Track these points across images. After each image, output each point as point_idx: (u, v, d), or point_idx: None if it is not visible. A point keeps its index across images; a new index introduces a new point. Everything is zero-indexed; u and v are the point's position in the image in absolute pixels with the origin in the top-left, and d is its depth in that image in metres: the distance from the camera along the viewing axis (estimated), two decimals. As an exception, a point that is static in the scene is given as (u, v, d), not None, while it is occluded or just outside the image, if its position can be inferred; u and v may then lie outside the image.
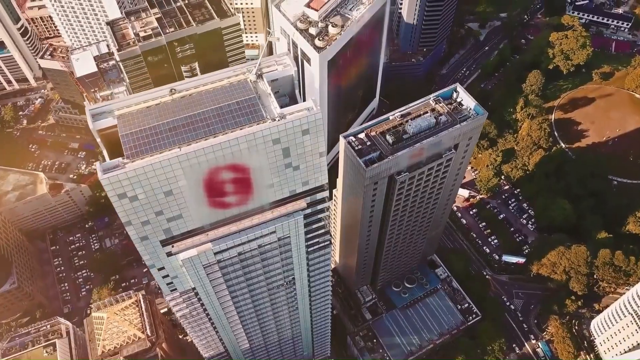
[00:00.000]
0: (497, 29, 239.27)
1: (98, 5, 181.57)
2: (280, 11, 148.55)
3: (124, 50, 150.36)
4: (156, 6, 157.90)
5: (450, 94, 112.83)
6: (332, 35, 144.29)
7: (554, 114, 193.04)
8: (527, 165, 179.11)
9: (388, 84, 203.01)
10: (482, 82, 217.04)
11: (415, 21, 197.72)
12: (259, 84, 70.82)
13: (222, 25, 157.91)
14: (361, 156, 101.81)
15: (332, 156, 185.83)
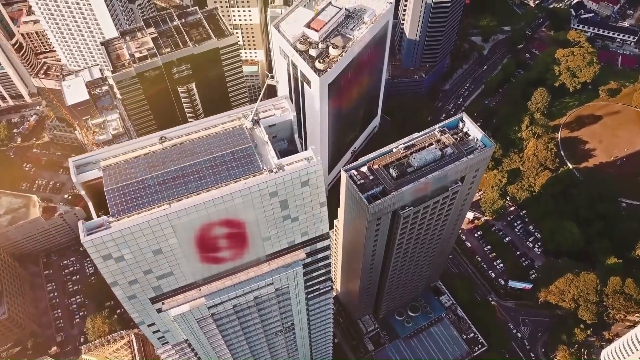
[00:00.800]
0: (500, 42, 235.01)
1: (93, 23, 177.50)
2: (280, 32, 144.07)
3: (118, 71, 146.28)
4: (152, 25, 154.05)
5: (456, 123, 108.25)
6: (332, 57, 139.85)
7: (560, 133, 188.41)
8: (533, 186, 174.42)
9: (390, 100, 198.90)
10: (486, 98, 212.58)
11: (418, 37, 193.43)
12: (256, 131, 66.23)
13: (219, 45, 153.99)
14: (363, 191, 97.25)
15: (333, 176, 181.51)
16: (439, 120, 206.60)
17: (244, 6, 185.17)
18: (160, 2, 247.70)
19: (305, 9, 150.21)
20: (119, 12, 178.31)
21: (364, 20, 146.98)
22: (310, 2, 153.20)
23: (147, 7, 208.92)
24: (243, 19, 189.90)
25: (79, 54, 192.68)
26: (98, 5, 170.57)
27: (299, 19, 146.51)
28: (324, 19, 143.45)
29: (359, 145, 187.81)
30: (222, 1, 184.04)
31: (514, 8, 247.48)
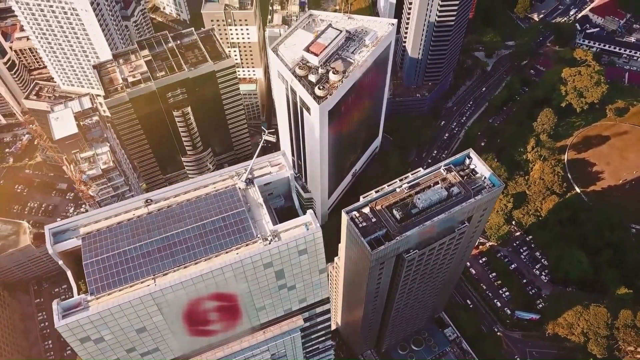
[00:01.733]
0: (504, 58, 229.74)
1: (87, 43, 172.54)
2: (278, 55, 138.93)
3: (111, 96, 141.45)
4: (146, 48, 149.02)
5: (463, 160, 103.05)
6: (333, 82, 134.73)
7: (567, 154, 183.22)
8: (539, 211, 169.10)
9: (391, 119, 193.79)
10: (490, 116, 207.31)
11: (420, 56, 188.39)
12: (249, 191, 61.08)
13: (215, 68, 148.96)
14: (366, 235, 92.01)
15: (333, 200, 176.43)
16: (442, 140, 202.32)
17: (242, 25, 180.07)
18: (157, 17, 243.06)
19: (305, 31, 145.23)
20: (113, 32, 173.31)
21: (366, 43, 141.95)
22: (310, 23, 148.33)
23: (142, 23, 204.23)
24: (241, 37, 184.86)
25: (72, 74, 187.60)
26: (91, 26, 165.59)
27: (298, 42, 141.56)
28: (323, 43, 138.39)
29: (360, 167, 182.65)
30: (219, 20, 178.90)
31: (517, 22, 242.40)
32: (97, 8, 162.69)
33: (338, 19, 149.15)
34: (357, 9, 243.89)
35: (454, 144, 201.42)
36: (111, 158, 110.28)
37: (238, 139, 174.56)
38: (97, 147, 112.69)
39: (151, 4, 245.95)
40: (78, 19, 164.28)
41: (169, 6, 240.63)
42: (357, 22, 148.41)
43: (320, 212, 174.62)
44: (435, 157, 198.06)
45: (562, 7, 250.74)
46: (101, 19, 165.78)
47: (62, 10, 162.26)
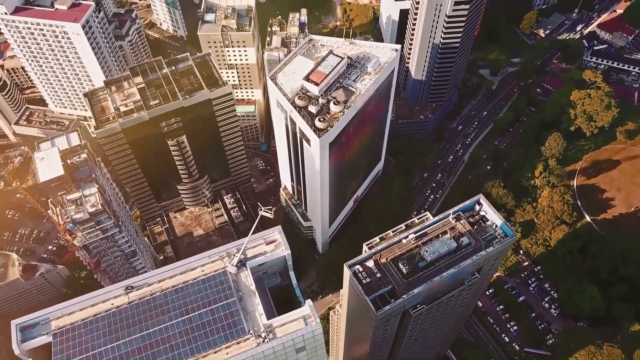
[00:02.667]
0: (510, 75, 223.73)
1: (80, 68, 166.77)
2: (277, 84, 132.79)
3: (102, 127, 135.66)
4: (139, 74, 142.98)
5: (472, 205, 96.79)
6: (334, 113, 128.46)
7: (576, 180, 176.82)
8: (548, 240, 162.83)
9: (394, 141, 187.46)
10: (496, 138, 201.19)
11: (424, 77, 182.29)
12: (241, 276, 54.91)
13: (211, 96, 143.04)
14: (370, 292, 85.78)
15: (334, 228, 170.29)
16: (446, 163, 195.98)
17: (240, 46, 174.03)
18: (154, 34, 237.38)
19: (304, 58, 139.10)
20: (106, 54, 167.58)
21: (368, 71, 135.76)
22: (310, 49, 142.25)
23: (138, 42, 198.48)
24: (239, 58, 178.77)
25: (64, 96, 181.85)
26: (83, 49, 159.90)
27: (298, 70, 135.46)
28: (324, 71, 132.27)
29: (362, 192, 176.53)
30: (216, 42, 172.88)
31: (523, 38, 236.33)
32: (89, 31, 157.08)
33: (339, 44, 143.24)
34: (359, 25, 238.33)
35: (459, 167, 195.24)
36: (100, 200, 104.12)
37: (236, 165, 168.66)
38: (85, 187, 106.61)
39: (147, 20, 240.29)
40: (69, 42, 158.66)
41: (165, 22, 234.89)
42: (359, 47, 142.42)
43: (321, 241, 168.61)
44: (439, 180, 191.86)
45: (569, 23, 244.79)
46: (93, 42, 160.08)
47: (52, 33, 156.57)
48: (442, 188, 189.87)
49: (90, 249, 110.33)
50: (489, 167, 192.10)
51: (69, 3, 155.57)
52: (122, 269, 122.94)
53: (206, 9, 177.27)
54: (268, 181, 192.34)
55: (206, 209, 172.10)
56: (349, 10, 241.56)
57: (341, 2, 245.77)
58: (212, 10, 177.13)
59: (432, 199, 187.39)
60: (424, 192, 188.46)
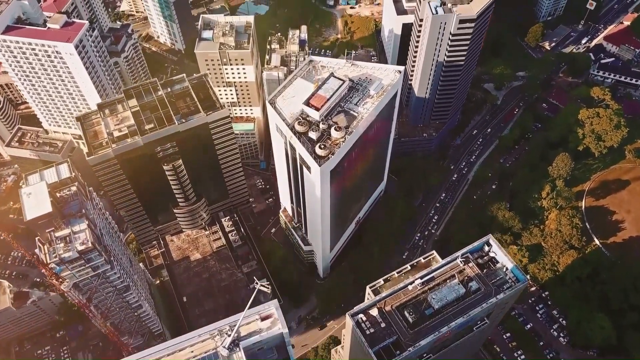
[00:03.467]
0: (515, 90, 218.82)
1: (74, 87, 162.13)
2: (276, 109, 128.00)
3: (95, 153, 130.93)
4: (134, 97, 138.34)
5: (482, 246, 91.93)
6: (335, 139, 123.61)
7: (584, 201, 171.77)
8: (556, 265, 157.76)
9: (397, 159, 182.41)
10: (501, 155, 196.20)
11: (428, 95, 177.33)
12: (234, 358, 49.97)
13: (208, 120, 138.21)
14: (374, 344, 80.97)
15: (335, 252, 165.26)
16: (450, 182, 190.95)
17: (238, 64, 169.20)
18: (151, 47, 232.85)
19: (305, 81, 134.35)
20: (100, 74, 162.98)
21: (370, 94, 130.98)
22: (310, 70, 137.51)
23: (134, 58, 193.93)
24: (237, 76, 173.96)
25: (58, 115, 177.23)
26: (77, 70, 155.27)
27: (298, 93, 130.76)
28: (325, 95, 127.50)
29: (364, 213, 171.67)
30: (213, 60, 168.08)
31: (528, 51, 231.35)
32: (82, 51, 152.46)
33: (340, 66, 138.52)
34: (360, 37, 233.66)
35: (463, 186, 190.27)
36: (90, 237, 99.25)
37: (234, 186, 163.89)
38: (75, 223, 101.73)
39: (145, 33, 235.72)
40: (63, 62, 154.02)
41: (163, 35, 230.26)
42: (361, 69, 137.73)
43: (322, 266, 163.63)
44: (443, 200, 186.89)
45: (574, 35, 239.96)
46: (87, 61, 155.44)
47: (45, 53, 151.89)
48: (446, 208, 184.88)
49: (80, 286, 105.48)
50: (494, 186, 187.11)
51: (61, 22, 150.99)
52: (114, 304, 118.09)
53: (204, 25, 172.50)
54: (267, 201, 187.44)
55: (203, 231, 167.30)
56: (350, 23, 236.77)
57: (342, 14, 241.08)
58: (209, 26, 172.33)
59: (436, 219, 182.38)
60: (428, 212, 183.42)
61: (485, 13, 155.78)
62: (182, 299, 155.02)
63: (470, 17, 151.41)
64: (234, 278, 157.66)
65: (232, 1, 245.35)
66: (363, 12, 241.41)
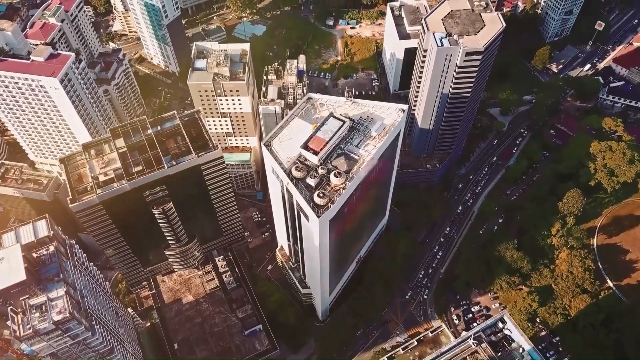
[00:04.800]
0: (522, 115, 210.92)
1: (60, 121, 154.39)
2: (272, 152, 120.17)
3: (79, 199, 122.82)
4: (121, 136, 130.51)
5: (495, 322, 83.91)
6: (335, 186, 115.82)
7: (596, 238, 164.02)
8: (568, 309, 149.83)
9: (399, 192, 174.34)
10: (508, 187, 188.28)
11: (432, 127, 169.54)
12: None
13: (200, 162, 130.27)
14: None
15: (336, 292, 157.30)
16: (455, 215, 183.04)
17: (233, 95, 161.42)
18: (144, 69, 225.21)
19: (302, 121, 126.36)
20: (88, 106, 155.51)
21: (372, 134, 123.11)
22: (309, 109, 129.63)
23: (126, 85, 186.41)
24: (232, 107, 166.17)
25: (44, 147, 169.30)
26: (63, 104, 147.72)
27: (295, 135, 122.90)
28: (324, 137, 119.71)
29: (365, 251, 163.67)
30: (207, 91, 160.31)
31: (535, 74, 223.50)
32: (68, 85, 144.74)
33: (340, 104, 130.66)
34: (361, 59, 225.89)
35: (468, 219, 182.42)
36: (68, 305, 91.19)
37: (228, 225, 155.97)
38: (52, 288, 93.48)
39: (138, 54, 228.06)
40: (47, 96, 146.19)
41: (156, 57, 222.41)
42: (362, 107, 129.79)
43: (321, 309, 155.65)
44: (448, 235, 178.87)
45: (582, 56, 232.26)
46: (74, 95, 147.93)
47: (29, 87, 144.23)
48: (451, 243, 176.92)
49: (58, 355, 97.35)
50: (501, 220, 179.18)
51: (46, 54, 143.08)
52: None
53: (197, 53, 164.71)
54: (264, 235, 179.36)
55: (196, 271, 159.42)
56: (350, 44, 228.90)
57: (342, 35, 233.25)
58: (203, 54, 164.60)
59: (440, 255, 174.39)
60: (432, 248, 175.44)
61: (493, 44, 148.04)
62: (174, 346, 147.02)
63: (477, 50, 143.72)
64: (228, 323, 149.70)
65: (228, 21, 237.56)
66: (364, 32, 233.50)
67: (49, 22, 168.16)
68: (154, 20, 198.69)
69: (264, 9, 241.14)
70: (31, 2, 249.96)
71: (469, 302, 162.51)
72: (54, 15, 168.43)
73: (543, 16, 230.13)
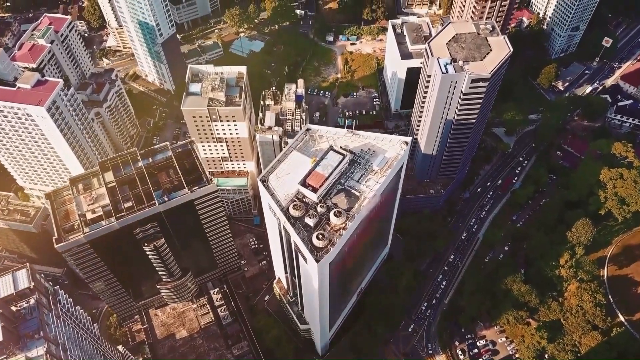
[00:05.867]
0: (527, 134, 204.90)
1: (49, 149, 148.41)
2: (268, 189, 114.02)
3: (65, 239, 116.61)
4: (110, 169, 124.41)
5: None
6: (334, 226, 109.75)
7: (606, 269, 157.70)
8: (578, 346, 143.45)
9: (402, 219, 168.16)
10: (514, 212, 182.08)
11: (435, 152, 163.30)
12: None
13: (193, 197, 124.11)
14: None
15: (336, 327, 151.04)
16: (459, 241, 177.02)
17: (229, 121, 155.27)
18: (139, 86, 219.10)
19: (301, 155, 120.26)
20: (78, 134, 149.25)
21: (373, 168, 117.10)
22: (307, 140, 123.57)
23: (119, 107, 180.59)
24: (228, 133, 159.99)
25: (33, 173, 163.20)
26: (51, 133, 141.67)
27: (293, 170, 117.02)
28: (323, 173, 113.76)
29: (366, 283, 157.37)
30: (201, 117, 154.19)
31: (541, 92, 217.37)
32: (56, 112, 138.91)
33: (340, 135, 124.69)
34: (362, 77, 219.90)
35: (473, 246, 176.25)
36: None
37: (223, 257, 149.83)
38: (32, 346, 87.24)
39: (132, 71, 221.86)
40: (35, 124, 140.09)
41: (151, 74, 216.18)
42: (363, 139, 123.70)
43: (320, 344, 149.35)
44: (452, 263, 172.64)
45: (589, 73, 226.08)
46: (62, 123, 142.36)
47: (15, 115, 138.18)
48: (455, 272, 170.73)
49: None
50: (507, 247, 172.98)
51: (32, 81, 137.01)
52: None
53: (192, 76, 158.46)
54: (261, 263, 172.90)
55: (191, 304, 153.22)
56: (350, 61, 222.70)
57: (342, 51, 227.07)
58: (198, 78, 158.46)
59: (444, 285, 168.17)
60: (435, 277, 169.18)
61: (500, 70, 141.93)
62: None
63: (484, 77, 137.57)
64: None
65: (225, 37, 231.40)
66: (364, 48, 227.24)
67: (38, 44, 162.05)
68: (148, 39, 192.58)
69: (262, 24, 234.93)
70: (23, 17, 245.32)
71: (474, 335, 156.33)
72: (44, 36, 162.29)
73: (549, 32, 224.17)
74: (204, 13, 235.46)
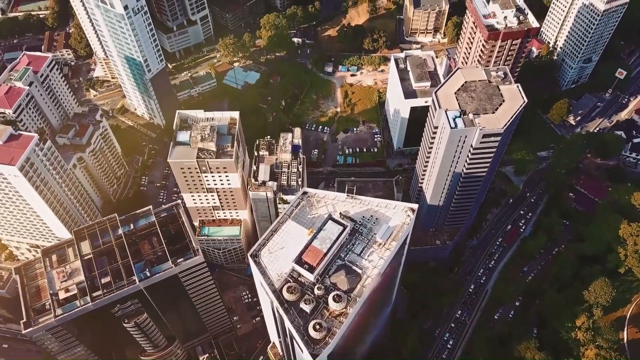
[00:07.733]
0: (538, 173, 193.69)
1: (24, 204, 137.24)
2: (260, 267, 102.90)
3: (35, 323, 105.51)
4: (87, 238, 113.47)
5: None
6: (334, 311, 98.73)
7: (626, 332, 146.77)
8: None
9: (406, 271, 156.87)
10: (525, 263, 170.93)
11: (442, 203, 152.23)
12: None
13: (177, 271, 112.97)
14: None
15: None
16: (467, 294, 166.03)
17: (220, 172, 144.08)
18: (127, 120, 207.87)
19: (296, 224, 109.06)
20: (56, 189, 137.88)
21: (376, 240, 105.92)
22: (304, 206, 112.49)
23: (104, 149, 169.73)
24: (219, 184, 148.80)
25: (10, 226, 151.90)
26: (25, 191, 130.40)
27: (287, 242, 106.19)
28: (321, 248, 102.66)
29: (367, 347, 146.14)
30: (190, 168, 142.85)
31: (551, 126, 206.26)
32: (30, 170, 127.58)
33: (339, 199, 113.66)
34: (362, 110, 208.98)
35: (482, 300, 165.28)
36: None
37: (213, 321, 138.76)
38: None
39: (120, 104, 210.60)
40: (7, 182, 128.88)
41: (140, 108, 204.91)
42: (364, 205, 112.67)
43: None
44: (459, 319, 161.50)
45: (601, 105, 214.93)
46: (37, 180, 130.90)
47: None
48: (463, 329, 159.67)
49: None
50: (518, 302, 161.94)
51: (4, 136, 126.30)
52: None
53: (180, 123, 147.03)
54: (255, 320, 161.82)
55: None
56: (350, 93, 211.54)
57: (342, 83, 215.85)
58: (187, 124, 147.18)
59: (451, 344, 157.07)
60: (442, 336, 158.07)
61: (513, 123, 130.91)
62: None
63: (496, 132, 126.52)
64: None
65: (219, 66, 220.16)
66: (365, 80, 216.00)
67: (15, 87, 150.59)
68: (136, 74, 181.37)
69: (258, 53, 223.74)
70: (7, 43, 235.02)
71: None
72: (21, 78, 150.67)
73: (559, 63, 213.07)
74: (197, 41, 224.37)
